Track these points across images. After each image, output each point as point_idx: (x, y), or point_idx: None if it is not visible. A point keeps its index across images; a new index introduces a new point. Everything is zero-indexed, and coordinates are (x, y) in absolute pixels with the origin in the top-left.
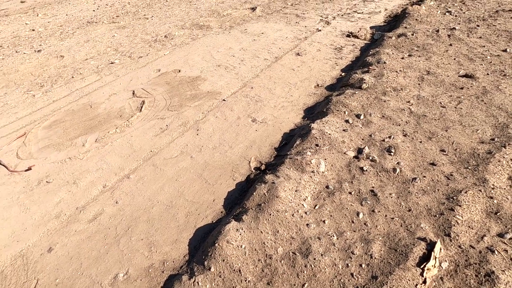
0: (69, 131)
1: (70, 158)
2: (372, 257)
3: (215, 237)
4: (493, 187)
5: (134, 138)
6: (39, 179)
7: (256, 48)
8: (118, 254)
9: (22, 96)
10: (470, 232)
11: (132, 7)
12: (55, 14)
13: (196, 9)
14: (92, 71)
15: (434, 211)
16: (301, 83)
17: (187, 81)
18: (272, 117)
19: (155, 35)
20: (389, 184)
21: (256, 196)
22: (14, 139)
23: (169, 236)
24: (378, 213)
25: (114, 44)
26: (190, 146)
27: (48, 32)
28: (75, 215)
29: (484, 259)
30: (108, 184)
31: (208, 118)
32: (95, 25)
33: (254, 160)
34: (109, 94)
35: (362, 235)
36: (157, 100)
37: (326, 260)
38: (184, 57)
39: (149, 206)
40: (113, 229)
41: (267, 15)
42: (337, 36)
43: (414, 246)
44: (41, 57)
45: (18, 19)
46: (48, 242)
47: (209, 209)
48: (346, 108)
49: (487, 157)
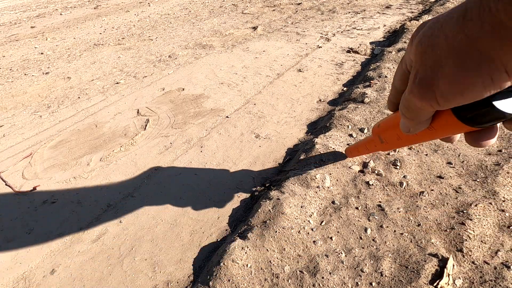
0: (74, 150)
1: (74, 178)
2: (383, 274)
3: (220, 256)
4: (504, 199)
5: (138, 156)
6: (44, 199)
7: (258, 65)
8: (122, 275)
9: (29, 117)
10: (483, 247)
11: (137, 29)
12: (63, 38)
13: (199, 29)
14: (98, 91)
15: (444, 226)
16: (304, 99)
17: (191, 99)
18: (275, 133)
19: (159, 55)
20: (397, 199)
21: (261, 213)
22: (21, 159)
23: (173, 255)
24: (386, 228)
25: (120, 65)
26: (194, 164)
27: (56, 55)
28: (79, 235)
29: (499, 275)
30: (112, 203)
31: (211, 135)
32: (101, 47)
33: (258, 176)
34: (114, 113)
35: (371, 251)
36: (161, 118)
37: (335, 279)
38: (187, 76)
39: (153, 225)
40: (116, 249)
41: (268, 33)
42: (337, 52)
43: (425, 262)
44: (48, 79)
45: (27, 43)
46: (51, 263)
47: (213, 227)
48: (349, 122)
49: (495, 168)
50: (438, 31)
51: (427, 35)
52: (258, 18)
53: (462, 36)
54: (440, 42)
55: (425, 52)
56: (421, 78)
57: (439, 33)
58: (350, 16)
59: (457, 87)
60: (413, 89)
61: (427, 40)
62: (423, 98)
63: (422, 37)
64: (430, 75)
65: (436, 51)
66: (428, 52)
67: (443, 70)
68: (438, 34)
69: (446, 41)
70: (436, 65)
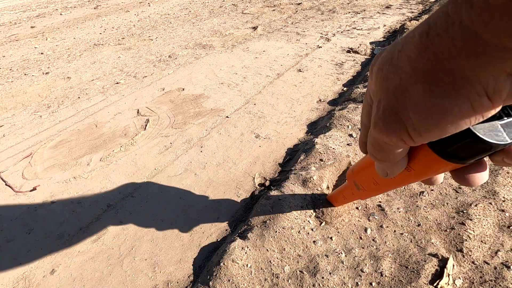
0: (74, 150)
1: (74, 178)
2: (383, 275)
3: (220, 256)
4: (504, 199)
5: (138, 156)
6: (44, 199)
7: (258, 65)
8: (122, 275)
9: (29, 117)
10: (483, 247)
11: (137, 29)
12: (63, 38)
13: (199, 29)
14: (98, 91)
15: (444, 226)
16: (304, 99)
17: (191, 99)
18: (275, 133)
19: (160, 55)
20: (397, 199)
21: (261, 213)
22: (21, 159)
23: (173, 255)
24: (386, 228)
25: (120, 65)
26: (194, 163)
27: (56, 55)
28: (79, 235)
29: (499, 275)
30: (112, 203)
31: (211, 135)
32: (101, 47)
33: (259, 176)
34: (114, 113)
35: (371, 251)
36: (161, 118)
37: (335, 279)
38: (187, 76)
39: (153, 224)
40: (116, 249)
41: (268, 33)
42: (337, 52)
43: (425, 262)
44: (48, 79)
45: (27, 43)
46: (51, 263)
47: (213, 227)
48: (349, 122)
49: (495, 168)
50: (398, 53)
51: (386, 60)
52: (258, 18)
53: (429, 56)
54: (403, 65)
55: (387, 78)
56: (385, 107)
57: (400, 55)
58: (350, 16)
59: (430, 117)
60: (378, 121)
61: (387, 65)
62: (390, 131)
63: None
64: (395, 103)
65: (400, 75)
66: (390, 77)
67: (411, 97)
68: (399, 56)
69: (409, 63)
70: (401, 91)
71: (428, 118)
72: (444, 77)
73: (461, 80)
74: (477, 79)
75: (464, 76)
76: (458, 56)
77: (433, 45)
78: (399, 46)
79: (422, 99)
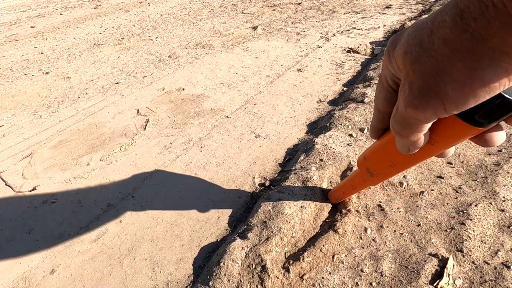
0: (74, 150)
1: (74, 177)
2: (383, 274)
3: (220, 256)
4: (504, 199)
5: (138, 156)
6: (44, 199)
7: (258, 65)
8: (122, 275)
9: (29, 117)
10: (483, 247)
11: (137, 29)
12: (63, 38)
13: (199, 29)
14: (97, 91)
15: (445, 226)
16: (304, 99)
17: (191, 99)
18: (275, 133)
19: (159, 55)
20: (397, 198)
21: (261, 213)
22: (21, 159)
23: (173, 255)
24: (386, 228)
25: (120, 64)
26: (194, 163)
27: (56, 55)
28: (79, 235)
29: (499, 275)
30: (112, 203)
31: (211, 135)
32: (101, 47)
33: (258, 176)
34: (114, 113)
35: (371, 251)
36: (161, 118)
37: (335, 279)
38: (187, 76)
39: (153, 224)
40: (116, 249)
41: (268, 33)
42: (337, 52)
43: (425, 262)
44: (48, 79)
45: (27, 43)
46: (51, 263)
47: (213, 227)
48: (349, 122)
49: (495, 168)
50: (429, 37)
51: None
52: (258, 18)
53: (467, 37)
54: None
55: (419, 61)
56: (420, 87)
57: (432, 38)
58: (350, 16)
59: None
60: (412, 101)
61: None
62: (426, 108)
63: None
64: (432, 83)
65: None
66: (423, 59)
67: (451, 76)
68: (431, 39)
69: (446, 45)
70: (438, 72)
71: (468, 90)
72: (484, 54)
73: (500, 54)
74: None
75: (503, 51)
76: (495, 35)
77: (470, 27)
78: (427, 30)
79: (462, 75)
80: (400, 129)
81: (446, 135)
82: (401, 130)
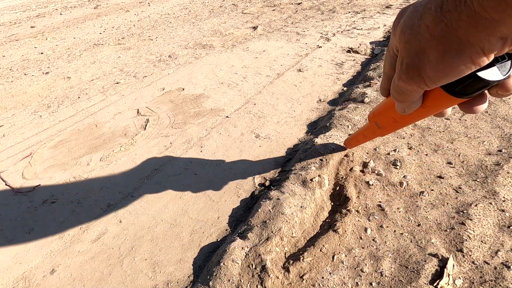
0: (74, 150)
1: (74, 178)
2: (383, 275)
3: (220, 256)
4: (504, 199)
5: (138, 156)
6: (44, 199)
7: (258, 65)
8: (122, 275)
9: (29, 117)
10: (483, 247)
11: (137, 29)
12: (63, 38)
13: (199, 29)
14: (97, 91)
15: (445, 226)
16: (304, 99)
17: (191, 99)
18: (275, 133)
19: (160, 55)
20: (397, 198)
21: (261, 213)
22: (20, 159)
23: (173, 255)
24: (386, 228)
25: (120, 64)
26: (194, 163)
27: (56, 55)
28: (79, 235)
29: (499, 275)
30: (112, 203)
31: (211, 135)
32: (101, 47)
33: (259, 176)
34: (114, 113)
35: (371, 251)
36: (161, 118)
37: (335, 279)
38: (187, 76)
39: (153, 224)
40: (116, 249)
41: (268, 33)
42: (337, 52)
43: (425, 262)
44: (48, 79)
45: (27, 43)
46: (51, 263)
47: (213, 227)
48: (349, 122)
49: (495, 168)
50: (418, 21)
51: (408, 25)
52: (258, 18)
53: (442, 26)
54: (422, 31)
55: (409, 41)
56: (407, 64)
57: (420, 22)
58: (350, 16)
59: (442, 70)
60: (401, 75)
61: (409, 29)
62: (411, 82)
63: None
64: (416, 61)
65: (419, 40)
66: (412, 41)
67: (428, 57)
68: (419, 24)
69: (427, 31)
70: (420, 53)
71: (441, 71)
72: (453, 42)
73: (466, 44)
74: (477, 42)
75: (468, 41)
76: (464, 27)
77: (445, 18)
78: (418, 14)
79: (436, 57)
80: (396, 95)
81: (434, 102)
82: (397, 96)
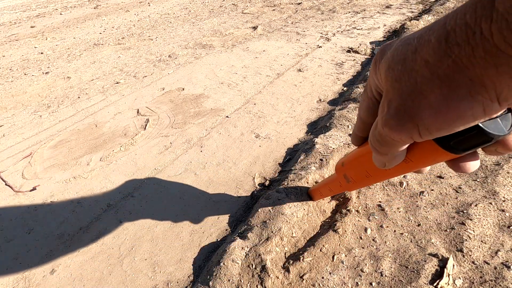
0: (74, 150)
1: (74, 177)
2: (383, 275)
3: (220, 256)
4: (504, 199)
5: (138, 156)
6: (44, 199)
7: (258, 65)
8: (122, 275)
9: (29, 117)
10: (483, 247)
11: (137, 29)
12: (63, 38)
13: (199, 29)
14: (97, 91)
15: (445, 226)
16: (304, 98)
17: (191, 99)
18: (275, 133)
19: (159, 55)
20: (397, 198)
21: (261, 213)
22: (20, 159)
23: (173, 255)
24: (386, 228)
25: (120, 64)
26: (194, 163)
27: (56, 54)
28: (79, 235)
29: (499, 275)
30: (112, 203)
31: (211, 135)
32: (101, 47)
33: (259, 176)
34: (114, 113)
35: (371, 251)
36: (161, 118)
37: (335, 279)
38: (187, 76)
39: (153, 224)
40: (116, 249)
41: (268, 33)
42: (337, 52)
43: (425, 262)
44: (48, 79)
45: (27, 43)
46: (51, 263)
47: (213, 227)
48: (349, 122)
49: (495, 168)
50: (412, 55)
51: (398, 59)
52: (258, 18)
53: (449, 63)
54: (418, 67)
55: (400, 79)
56: (397, 108)
57: (415, 57)
58: (350, 15)
59: (444, 118)
60: (389, 121)
61: (400, 65)
62: (401, 130)
63: (391, 61)
64: (410, 105)
65: (414, 78)
66: (404, 78)
67: (427, 100)
68: (414, 58)
69: (427, 68)
70: (416, 94)
71: (442, 119)
72: (462, 84)
73: (479, 87)
74: (494, 87)
75: (482, 84)
76: (478, 65)
77: (453, 53)
78: (412, 47)
79: (438, 102)
80: (377, 145)
81: (421, 157)
82: (378, 147)
